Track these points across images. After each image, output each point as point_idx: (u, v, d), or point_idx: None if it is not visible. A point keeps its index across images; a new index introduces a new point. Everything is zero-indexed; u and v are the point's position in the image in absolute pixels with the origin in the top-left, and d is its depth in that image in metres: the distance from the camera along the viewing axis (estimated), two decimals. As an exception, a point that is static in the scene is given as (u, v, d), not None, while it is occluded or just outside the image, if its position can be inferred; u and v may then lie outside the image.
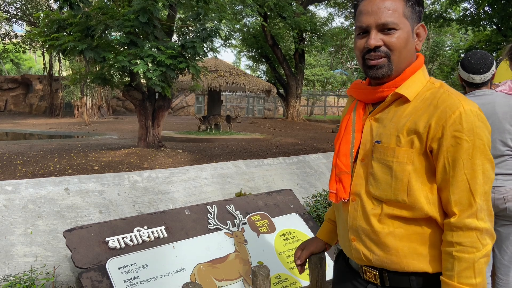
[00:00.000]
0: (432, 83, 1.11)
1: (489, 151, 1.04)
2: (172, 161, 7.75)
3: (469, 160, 1.01)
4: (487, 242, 1.01)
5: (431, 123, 1.03)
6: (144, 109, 8.69)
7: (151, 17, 7.30)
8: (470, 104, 1.04)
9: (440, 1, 20.21)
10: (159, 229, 1.93)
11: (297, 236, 2.30)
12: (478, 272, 0.99)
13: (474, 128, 1.01)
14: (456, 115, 1.01)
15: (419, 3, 1.11)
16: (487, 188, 1.02)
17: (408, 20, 1.09)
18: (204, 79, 12.75)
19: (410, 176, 1.05)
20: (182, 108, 29.82)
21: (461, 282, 0.99)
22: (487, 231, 1.01)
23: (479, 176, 1.01)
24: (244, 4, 15.49)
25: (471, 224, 1.00)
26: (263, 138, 13.22)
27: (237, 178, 2.83)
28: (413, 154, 1.05)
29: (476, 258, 0.99)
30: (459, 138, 1.01)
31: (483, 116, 1.04)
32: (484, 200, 1.01)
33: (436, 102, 1.05)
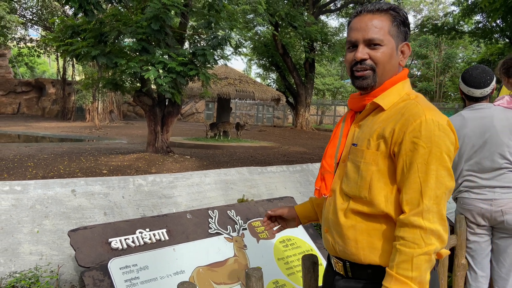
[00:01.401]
0: (408, 95, 1.21)
1: (448, 159, 1.10)
2: (179, 167, 7.83)
3: (424, 164, 1.09)
4: (432, 242, 1.06)
5: (395, 129, 1.13)
6: (153, 114, 8.81)
7: (163, 25, 7.43)
8: (435, 115, 1.12)
9: (453, 14, 20.15)
10: (161, 231, 1.98)
11: (296, 243, 2.34)
12: (416, 266, 1.05)
13: (432, 137, 1.09)
14: (417, 123, 1.10)
15: (404, 23, 1.22)
16: (439, 192, 1.09)
17: (393, 38, 1.20)
18: (214, 86, 12.88)
19: (373, 175, 1.16)
20: (192, 115, 30.04)
21: (399, 273, 1.06)
22: (432, 231, 1.07)
23: (432, 180, 1.08)
24: (256, 13, 15.64)
25: (415, 222, 1.07)
26: (271, 146, 13.26)
27: (240, 185, 2.88)
28: (378, 156, 1.16)
29: (415, 253, 1.06)
30: (416, 144, 1.09)
31: (446, 128, 1.11)
32: (434, 203, 1.08)
33: (403, 111, 1.15)
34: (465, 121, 2.25)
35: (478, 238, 2.24)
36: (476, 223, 2.22)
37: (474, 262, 2.28)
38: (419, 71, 37.22)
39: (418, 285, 1.06)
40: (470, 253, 2.29)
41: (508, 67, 2.29)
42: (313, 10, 20.60)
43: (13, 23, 18.25)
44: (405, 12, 1.24)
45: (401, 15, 1.22)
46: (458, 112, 2.37)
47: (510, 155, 2.16)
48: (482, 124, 2.19)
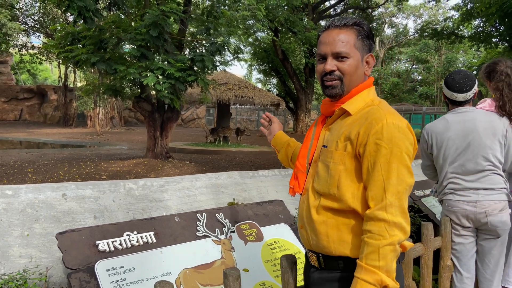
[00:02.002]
0: (373, 101, 1.32)
1: (408, 158, 1.21)
2: (178, 172, 7.87)
3: (386, 163, 1.20)
4: (395, 233, 1.16)
5: (360, 132, 1.24)
6: (153, 120, 8.86)
7: (162, 31, 7.49)
8: (395, 119, 1.23)
9: (452, 18, 20.20)
10: (148, 234, 2.01)
11: (284, 245, 2.36)
12: (382, 256, 1.15)
13: (393, 138, 1.20)
14: (379, 126, 1.21)
15: (368, 37, 1.34)
16: (401, 188, 1.19)
17: (358, 50, 1.33)
18: (214, 92, 12.94)
19: (340, 174, 1.27)
20: (192, 120, 30.13)
21: (368, 263, 1.16)
22: (395, 224, 1.17)
23: (393, 177, 1.19)
24: (255, 19, 15.74)
25: (379, 216, 1.17)
26: (271, 151, 13.28)
27: (231, 189, 2.91)
28: (345, 157, 1.27)
29: (381, 244, 1.16)
30: (379, 145, 1.20)
31: (405, 130, 1.23)
32: (396, 198, 1.19)
33: (367, 115, 1.26)
34: (449, 124, 2.28)
35: (463, 239, 2.26)
36: (460, 225, 2.24)
37: (459, 263, 2.30)
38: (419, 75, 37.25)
39: (385, 273, 1.16)
40: (456, 254, 2.31)
41: (490, 71, 2.32)
42: (313, 15, 20.71)
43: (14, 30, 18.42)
44: (368, 26, 1.35)
45: (365, 29, 1.33)
46: (442, 116, 2.40)
47: (493, 157, 2.19)
48: (465, 127, 2.22)
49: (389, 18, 35.76)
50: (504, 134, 2.21)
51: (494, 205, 2.15)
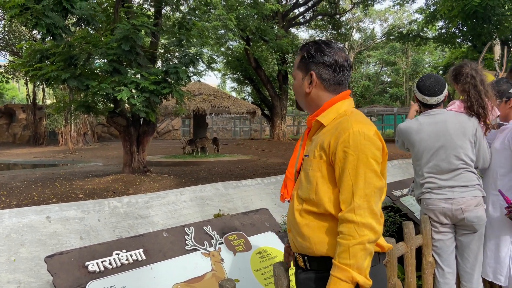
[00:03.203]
0: (345, 111, 1.42)
1: (375, 163, 1.30)
2: (158, 186, 7.79)
3: (353, 169, 1.29)
4: (364, 233, 1.25)
5: (331, 141, 1.35)
6: (128, 135, 8.75)
7: (134, 45, 7.45)
8: (362, 127, 1.33)
9: (417, 21, 20.92)
10: (138, 252, 2.01)
11: (272, 253, 2.40)
12: (352, 255, 1.24)
13: (359, 145, 1.30)
14: (346, 135, 1.32)
15: (307, 57, 1.46)
16: (368, 191, 1.29)
17: (300, 71, 1.49)
18: (189, 103, 12.90)
19: (318, 180, 1.37)
20: (168, 132, 29.86)
21: (340, 262, 1.26)
22: (364, 224, 1.26)
23: (360, 181, 1.29)
24: (227, 29, 15.84)
25: (349, 218, 1.27)
26: (250, 159, 13.33)
27: (216, 200, 2.93)
28: (321, 164, 1.37)
29: (351, 244, 1.25)
30: (346, 153, 1.31)
31: (371, 137, 1.32)
32: (364, 201, 1.28)
33: (337, 126, 1.37)
34: (421, 126, 2.39)
35: (442, 236, 2.36)
36: (439, 222, 2.34)
37: (440, 259, 2.39)
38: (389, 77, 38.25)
39: (357, 270, 1.24)
40: (436, 251, 2.41)
41: (456, 74, 2.45)
42: (283, 23, 21.01)
43: (-22, 49, 17.84)
44: (310, 46, 1.46)
45: (304, 51, 1.47)
46: (416, 117, 2.52)
47: (465, 156, 2.31)
48: (437, 129, 2.34)
49: (357, 23, 36.65)
50: (474, 134, 2.34)
51: (469, 201, 2.26)
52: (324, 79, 1.45)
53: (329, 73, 1.44)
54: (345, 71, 1.45)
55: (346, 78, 1.46)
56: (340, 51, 1.46)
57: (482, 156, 2.39)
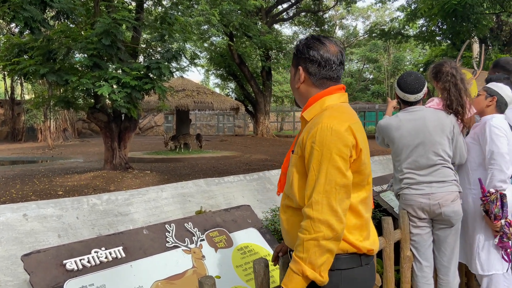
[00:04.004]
0: (327, 107, 1.40)
1: (340, 159, 1.27)
2: (140, 183, 7.70)
3: (317, 164, 1.29)
4: (320, 230, 1.25)
5: (304, 136, 1.36)
6: (109, 131, 8.63)
7: (115, 39, 7.33)
8: (332, 122, 1.30)
9: (398, 19, 21.18)
10: (117, 249, 1.99)
11: (254, 249, 2.40)
12: (305, 249, 1.25)
13: (324, 141, 1.28)
14: (314, 130, 1.31)
15: (296, 53, 1.48)
16: (329, 188, 1.27)
17: (293, 67, 1.50)
18: (171, 98, 12.78)
19: (293, 175, 1.39)
20: (151, 128, 29.56)
21: (295, 254, 1.29)
22: (320, 221, 1.25)
23: (322, 177, 1.28)
24: (210, 24, 15.73)
25: (307, 212, 1.28)
26: (233, 155, 13.31)
27: (197, 197, 2.92)
28: (297, 160, 1.38)
29: (305, 238, 1.26)
30: (312, 148, 1.30)
31: (339, 132, 1.29)
32: (324, 197, 1.26)
33: (313, 121, 1.38)
34: (401, 123, 2.43)
35: (420, 230, 2.41)
36: (417, 217, 2.39)
37: (418, 253, 2.44)
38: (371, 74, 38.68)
39: (309, 265, 1.25)
40: (414, 245, 2.46)
41: (437, 72, 2.50)
42: (267, 19, 20.99)
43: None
44: (302, 43, 1.46)
45: (296, 48, 1.48)
46: (395, 114, 2.56)
47: (443, 152, 2.36)
48: (416, 126, 2.38)
49: (340, 20, 36.89)
50: (451, 130, 2.39)
51: (446, 196, 2.31)
52: (310, 73, 1.43)
53: (314, 68, 1.42)
54: (333, 65, 1.42)
55: (334, 72, 1.43)
56: (332, 45, 1.43)
57: (459, 152, 2.45)
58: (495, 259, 2.39)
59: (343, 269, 1.34)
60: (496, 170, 2.31)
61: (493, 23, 14.34)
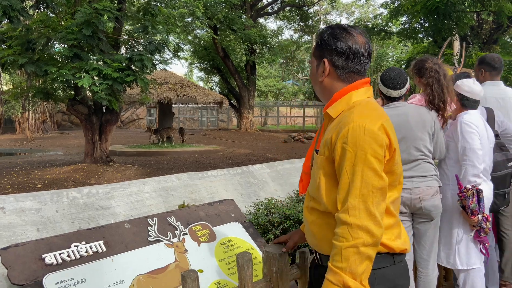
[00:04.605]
0: (354, 103, 1.31)
1: (375, 161, 1.20)
2: (121, 176, 7.60)
3: (351, 166, 1.20)
4: (359, 236, 1.16)
5: (333, 136, 1.26)
6: (90, 123, 8.47)
7: (96, 30, 7.17)
8: (364, 121, 1.22)
9: (382, 16, 21.38)
10: (98, 243, 1.96)
11: (237, 243, 2.40)
12: (345, 258, 1.17)
13: (357, 141, 1.20)
14: (345, 130, 1.22)
15: (320, 44, 1.37)
16: (365, 191, 1.19)
17: (315, 59, 1.39)
18: (154, 91, 12.63)
19: (320, 177, 1.31)
20: (133, 121, 29.17)
21: (333, 264, 1.19)
22: (358, 226, 1.17)
23: (357, 180, 1.19)
24: (194, 16, 15.55)
25: (342, 218, 1.20)
26: (216, 149, 13.26)
27: (180, 191, 2.90)
28: (324, 161, 1.30)
29: (343, 246, 1.17)
30: (344, 149, 1.21)
31: (373, 132, 1.21)
32: (360, 201, 1.19)
33: (341, 119, 1.28)
34: None
35: None
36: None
37: (399, 246, 2.48)
38: (354, 70, 38.91)
39: (349, 274, 1.16)
40: (395, 239, 2.49)
41: (420, 68, 2.53)
42: (251, 13, 20.88)
43: None
44: (326, 32, 1.36)
45: (319, 39, 1.37)
46: None
47: (424, 147, 2.40)
48: (399, 121, 2.40)
49: (324, 15, 37.01)
50: (432, 126, 2.43)
51: (427, 191, 2.35)
52: (337, 67, 1.34)
53: (342, 61, 1.33)
54: (361, 57, 1.33)
55: (362, 65, 1.35)
56: (359, 35, 1.34)
57: (439, 148, 2.49)
58: (473, 253, 2.45)
59: (376, 268, 1.27)
60: (469, 165, 2.36)
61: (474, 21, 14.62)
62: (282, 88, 36.80)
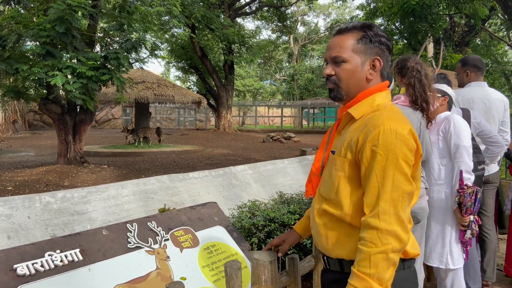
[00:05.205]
0: (379, 106, 1.29)
1: (406, 165, 1.19)
2: (96, 178, 7.38)
3: (381, 170, 1.18)
4: (388, 242, 1.14)
5: (359, 138, 1.23)
6: (63, 123, 8.21)
7: (70, 27, 6.95)
8: (394, 124, 1.21)
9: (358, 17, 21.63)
10: (74, 252, 1.84)
11: (221, 248, 2.33)
12: (373, 264, 1.14)
13: (389, 145, 1.18)
14: (376, 132, 1.20)
15: (373, 40, 1.31)
16: (396, 195, 1.17)
17: (357, 54, 1.31)
18: (130, 90, 12.36)
19: (340, 180, 1.27)
20: (108, 121, 28.54)
21: (359, 270, 1.16)
22: (388, 232, 1.15)
23: (388, 184, 1.17)
24: (171, 15, 15.32)
25: (372, 223, 1.16)
26: (194, 149, 13.10)
27: (161, 194, 2.79)
28: (345, 164, 1.27)
29: (372, 252, 1.14)
30: (375, 152, 1.19)
31: (404, 136, 1.20)
32: (391, 206, 1.17)
33: (368, 121, 1.25)
34: None
35: None
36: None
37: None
38: (331, 71, 39.31)
39: (377, 281, 1.14)
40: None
41: (401, 67, 2.51)
42: (229, 12, 20.77)
43: None
44: (377, 29, 1.33)
45: (370, 32, 1.31)
46: None
47: None
48: None
49: (302, 16, 37.26)
50: (418, 127, 2.41)
51: None
52: (382, 66, 1.32)
53: (385, 61, 1.32)
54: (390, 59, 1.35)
55: (387, 68, 1.36)
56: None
57: (425, 148, 2.48)
58: (460, 253, 2.46)
59: None
60: (462, 162, 2.37)
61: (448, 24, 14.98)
62: (260, 88, 36.81)
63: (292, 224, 2.64)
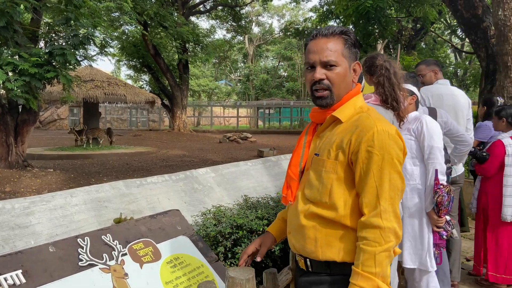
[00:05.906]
0: (362, 108, 1.35)
1: (399, 164, 1.24)
2: (41, 182, 6.85)
3: (378, 170, 1.22)
4: (390, 239, 1.19)
5: (352, 139, 1.26)
6: (4, 124, 7.59)
7: (11, 21, 6.42)
8: (385, 126, 1.26)
9: (311, 19, 22.01)
10: (15, 274, 1.57)
11: (185, 261, 2.12)
12: (378, 263, 1.17)
13: (384, 145, 1.23)
14: (370, 133, 1.23)
15: (354, 45, 1.37)
16: (393, 194, 1.22)
17: (345, 59, 1.34)
18: (78, 89, 11.69)
19: (332, 183, 1.28)
20: (53, 122, 27.02)
21: (364, 270, 1.18)
22: (390, 230, 1.19)
23: (386, 183, 1.22)
24: (122, 11, 14.70)
25: (375, 223, 1.19)
26: (148, 151, 12.63)
27: (116, 202, 2.54)
28: (337, 166, 1.28)
29: (377, 251, 1.17)
30: (371, 152, 1.23)
31: (395, 136, 1.26)
32: (389, 204, 1.21)
33: (358, 123, 1.28)
34: None
35: None
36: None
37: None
38: (286, 72, 39.87)
39: (381, 279, 1.17)
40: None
41: (370, 66, 2.44)
42: (183, 10, 20.33)
43: None
44: (354, 35, 1.38)
45: (351, 38, 1.36)
46: None
47: None
48: None
49: (256, 17, 37.38)
50: (390, 127, 2.36)
51: None
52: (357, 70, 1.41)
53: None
54: None
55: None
56: None
57: None
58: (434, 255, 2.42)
59: None
60: (437, 163, 2.34)
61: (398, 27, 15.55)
62: (216, 88, 36.47)
63: (261, 230, 2.49)
